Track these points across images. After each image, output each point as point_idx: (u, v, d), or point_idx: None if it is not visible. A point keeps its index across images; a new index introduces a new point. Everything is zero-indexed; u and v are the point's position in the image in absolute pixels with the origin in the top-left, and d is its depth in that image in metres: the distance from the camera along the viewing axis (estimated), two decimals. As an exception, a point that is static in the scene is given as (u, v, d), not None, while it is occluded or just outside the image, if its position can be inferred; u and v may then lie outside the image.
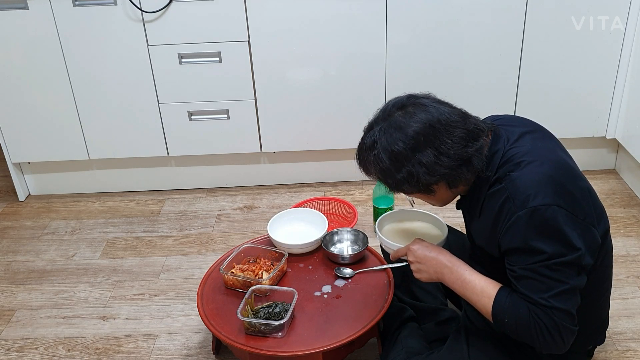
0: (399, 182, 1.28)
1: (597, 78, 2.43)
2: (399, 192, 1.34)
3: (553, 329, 1.21)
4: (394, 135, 1.25)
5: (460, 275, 1.35)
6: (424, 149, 1.24)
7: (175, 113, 2.46)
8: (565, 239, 1.19)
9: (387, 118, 1.29)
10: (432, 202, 1.40)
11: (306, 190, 2.64)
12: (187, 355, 1.79)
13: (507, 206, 1.23)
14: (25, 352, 1.84)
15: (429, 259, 1.40)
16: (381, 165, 1.28)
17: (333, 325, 1.53)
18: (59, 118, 2.46)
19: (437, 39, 2.34)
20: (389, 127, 1.27)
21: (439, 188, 1.31)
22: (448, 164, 1.24)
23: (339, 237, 1.86)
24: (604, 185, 2.54)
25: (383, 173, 1.30)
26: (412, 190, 1.31)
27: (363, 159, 1.35)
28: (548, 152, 1.29)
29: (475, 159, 1.26)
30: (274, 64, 2.37)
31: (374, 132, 1.29)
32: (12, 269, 2.22)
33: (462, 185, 1.32)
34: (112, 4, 2.24)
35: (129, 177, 2.67)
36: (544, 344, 1.23)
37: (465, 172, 1.27)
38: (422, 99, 1.30)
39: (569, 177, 1.25)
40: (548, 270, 1.20)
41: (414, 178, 1.26)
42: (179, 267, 2.18)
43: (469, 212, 1.41)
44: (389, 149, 1.26)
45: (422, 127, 1.24)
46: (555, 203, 1.18)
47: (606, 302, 1.47)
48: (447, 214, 2.01)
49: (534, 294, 1.22)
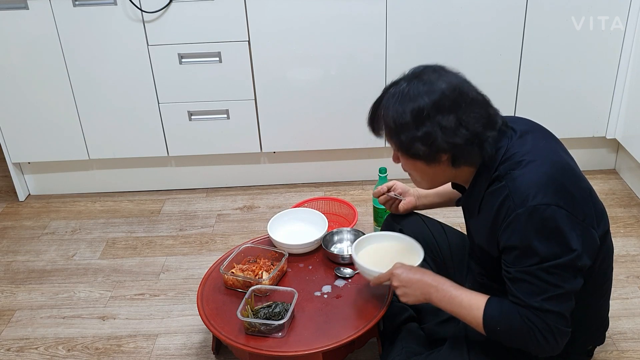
0: (413, 140, 1.24)
1: (597, 78, 2.43)
2: (405, 152, 1.28)
3: (546, 331, 1.22)
4: (420, 90, 1.23)
5: (446, 292, 1.34)
6: (447, 113, 1.22)
7: (175, 113, 2.46)
8: (563, 239, 1.19)
9: (416, 76, 1.26)
10: (423, 179, 1.36)
11: (306, 190, 2.64)
12: (187, 355, 1.79)
13: (506, 204, 1.23)
14: (25, 352, 1.84)
15: (414, 282, 1.39)
16: (400, 119, 1.24)
17: (333, 325, 1.53)
18: (59, 118, 2.46)
19: (437, 39, 2.34)
20: (418, 82, 1.24)
21: (443, 161, 1.28)
22: (464, 136, 1.23)
23: (339, 237, 1.86)
24: (604, 185, 2.54)
25: (399, 128, 1.25)
26: (421, 152, 1.25)
27: (378, 113, 1.30)
28: (549, 152, 1.29)
29: (487, 144, 1.25)
30: (274, 64, 2.37)
31: (400, 86, 1.26)
32: (12, 269, 2.22)
33: (464, 167, 1.30)
34: (112, 4, 2.24)
35: (129, 177, 2.67)
36: (538, 347, 1.23)
37: (475, 152, 1.25)
38: (454, 71, 1.29)
39: (569, 178, 1.25)
40: (544, 274, 1.20)
41: (430, 138, 1.23)
42: (179, 267, 2.18)
43: (468, 210, 1.41)
44: (413, 103, 1.22)
45: (450, 88, 1.22)
46: (555, 203, 1.18)
47: (606, 303, 1.47)
48: (447, 214, 2.02)
49: (527, 297, 1.22)
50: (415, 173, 1.35)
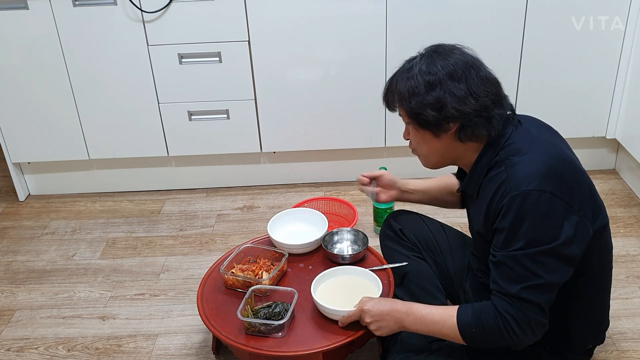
0: (423, 106, 1.27)
1: (597, 78, 2.43)
2: (415, 120, 1.31)
3: (522, 321, 1.22)
4: (434, 59, 1.29)
5: (417, 314, 1.35)
6: (459, 81, 1.26)
7: (175, 113, 2.46)
8: (553, 226, 1.19)
9: (433, 50, 1.33)
10: (430, 153, 1.38)
11: (306, 190, 2.64)
12: (187, 355, 1.79)
13: (502, 187, 1.24)
14: (25, 352, 1.84)
15: (386, 313, 1.40)
16: (412, 83, 1.28)
17: (333, 325, 1.53)
18: (59, 118, 2.46)
19: (437, 39, 2.31)
20: (434, 55, 1.31)
21: (450, 132, 1.30)
22: (473, 107, 1.25)
23: (339, 237, 1.86)
24: (604, 185, 2.54)
25: (410, 95, 1.28)
26: (430, 117, 1.28)
27: (392, 86, 1.35)
28: (552, 145, 1.31)
29: (494, 121, 1.28)
30: (274, 64, 2.37)
31: (415, 60, 1.32)
32: (12, 269, 2.22)
33: (470, 143, 1.32)
34: (112, 4, 2.24)
35: (129, 177, 2.67)
36: (516, 339, 1.24)
37: (482, 125, 1.28)
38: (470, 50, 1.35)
39: (568, 170, 1.26)
40: (527, 260, 1.20)
41: (439, 104, 1.26)
42: (179, 267, 2.18)
43: (469, 194, 1.42)
44: (428, 74, 1.27)
45: (464, 61, 1.28)
46: (550, 190, 1.20)
47: (606, 302, 1.47)
48: (447, 214, 2.02)
49: (506, 284, 1.23)
50: (424, 146, 1.37)
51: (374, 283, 1.60)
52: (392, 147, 2.55)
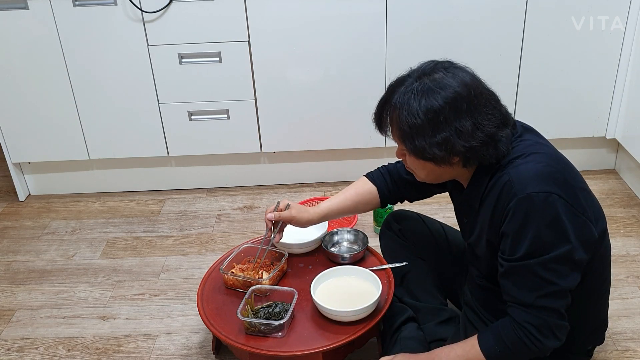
0: (430, 146, 1.21)
1: (597, 78, 2.43)
2: (419, 155, 1.25)
3: (543, 327, 1.22)
4: (432, 89, 1.19)
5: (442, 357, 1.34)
6: (463, 116, 1.19)
7: (175, 113, 2.46)
8: (561, 229, 1.18)
9: (426, 74, 1.23)
10: (428, 176, 1.34)
11: (306, 190, 2.64)
12: (187, 355, 1.79)
13: (507, 190, 1.22)
14: (25, 352, 1.84)
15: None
16: (415, 121, 1.20)
17: (333, 325, 1.53)
18: (59, 118, 2.46)
19: (437, 39, 2.34)
20: (429, 81, 1.21)
21: (455, 162, 1.27)
22: (480, 139, 1.21)
23: (339, 237, 1.86)
24: (604, 185, 2.54)
25: (414, 133, 1.21)
26: (437, 157, 1.23)
27: (385, 112, 1.27)
28: (550, 148, 1.31)
29: (501, 144, 1.24)
30: (274, 64, 2.38)
31: (410, 85, 1.22)
32: (12, 269, 2.22)
33: (473, 165, 1.29)
34: (112, 4, 2.24)
35: (129, 177, 2.67)
36: (540, 346, 1.23)
37: (490, 152, 1.23)
38: (463, 67, 1.27)
39: (570, 173, 1.26)
40: (540, 269, 1.19)
41: (448, 144, 1.21)
42: (179, 267, 2.18)
43: (468, 205, 1.38)
44: (427, 105, 1.19)
45: (463, 87, 1.20)
46: (556, 192, 1.19)
47: (605, 303, 1.47)
48: (447, 214, 2.02)
49: (521, 294, 1.22)
50: (422, 170, 1.34)
51: (373, 283, 1.60)
52: (392, 147, 2.52)
